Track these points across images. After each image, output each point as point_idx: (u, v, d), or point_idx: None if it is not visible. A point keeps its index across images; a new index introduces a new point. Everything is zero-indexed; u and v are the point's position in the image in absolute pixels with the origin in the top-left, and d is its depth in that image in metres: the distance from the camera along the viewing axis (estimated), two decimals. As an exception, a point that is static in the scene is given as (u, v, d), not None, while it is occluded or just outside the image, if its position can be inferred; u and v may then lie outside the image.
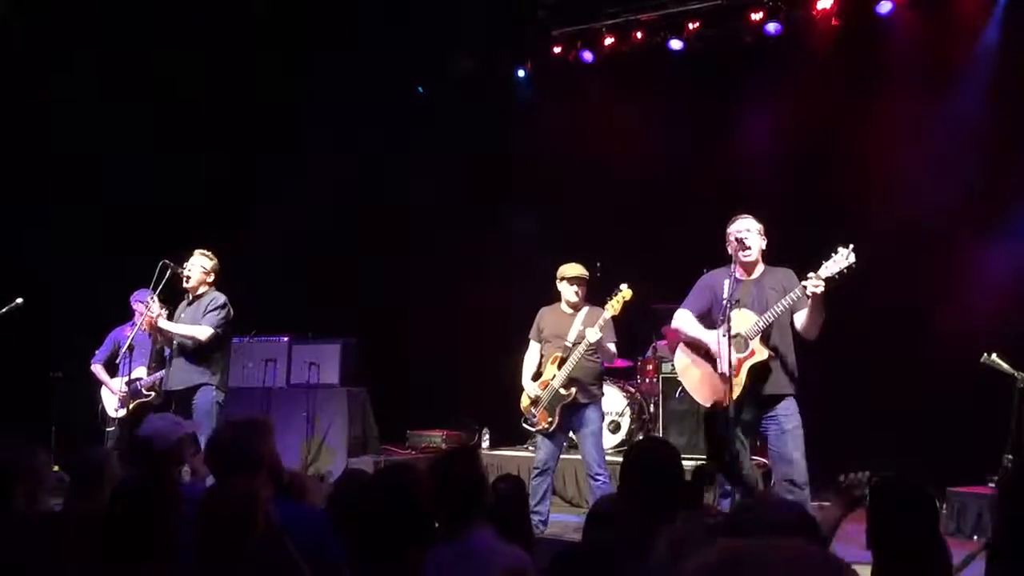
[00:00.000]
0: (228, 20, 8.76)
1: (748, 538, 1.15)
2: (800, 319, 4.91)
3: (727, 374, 4.73)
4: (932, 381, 6.95)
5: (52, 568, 2.82)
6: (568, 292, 6.17)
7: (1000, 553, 2.42)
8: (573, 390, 6.00)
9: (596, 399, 6.15)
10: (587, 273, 6.17)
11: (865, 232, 5.42)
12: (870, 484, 2.98)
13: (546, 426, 6.06)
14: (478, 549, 2.72)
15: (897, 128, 7.58)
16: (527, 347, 6.36)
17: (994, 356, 5.96)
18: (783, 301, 4.84)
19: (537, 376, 6.21)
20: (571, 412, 6.06)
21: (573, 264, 6.21)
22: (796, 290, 4.80)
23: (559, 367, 6.03)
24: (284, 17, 9.06)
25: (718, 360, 4.90)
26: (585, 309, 6.15)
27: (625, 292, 5.89)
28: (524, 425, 6.26)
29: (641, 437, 7.68)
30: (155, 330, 6.51)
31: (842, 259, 4.64)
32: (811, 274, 4.68)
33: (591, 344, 5.88)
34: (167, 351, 6.57)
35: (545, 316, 6.31)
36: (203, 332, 6.26)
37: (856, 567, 3.10)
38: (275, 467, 3.26)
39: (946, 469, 6.17)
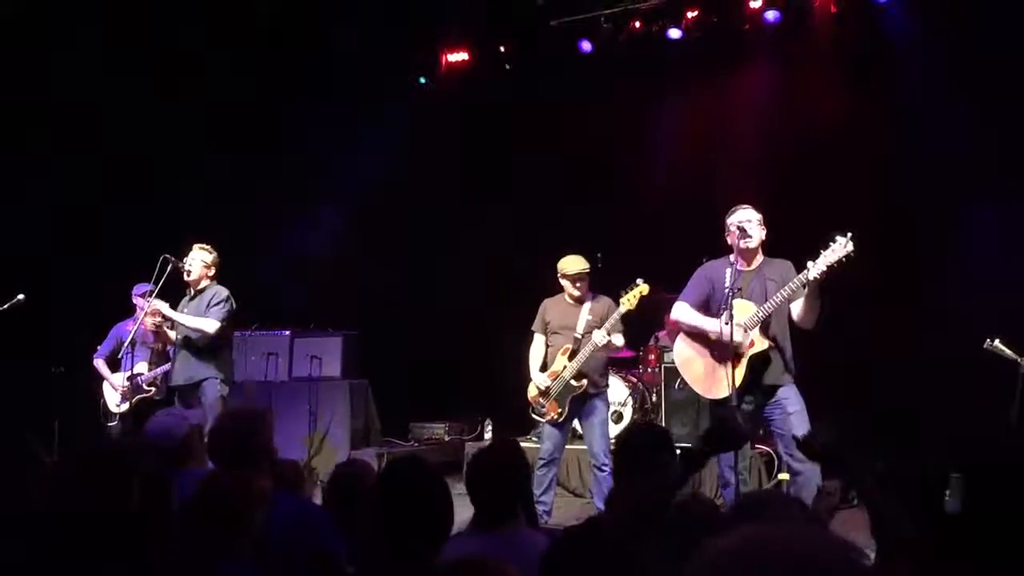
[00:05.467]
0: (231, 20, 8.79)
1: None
2: (797, 309, 4.92)
3: (729, 356, 4.75)
4: (935, 365, 6.93)
5: None
6: (570, 288, 6.14)
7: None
8: (584, 381, 5.99)
9: (603, 390, 6.17)
10: (588, 267, 6.11)
11: (867, 220, 5.41)
12: (842, 491, 3.01)
13: (556, 416, 6.06)
14: (523, 541, 2.70)
15: (895, 113, 7.56)
16: (531, 340, 6.34)
17: (996, 342, 5.94)
18: (782, 291, 4.85)
19: (544, 367, 6.20)
20: (580, 403, 6.06)
21: (573, 258, 6.14)
22: (794, 281, 4.80)
23: (570, 358, 6.02)
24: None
25: (720, 339, 4.88)
26: (590, 299, 6.14)
27: (642, 287, 5.86)
28: (532, 415, 6.26)
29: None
30: (157, 329, 6.52)
31: (840, 248, 4.63)
32: (809, 263, 4.68)
33: (598, 346, 5.88)
34: (170, 348, 6.58)
35: (550, 308, 6.28)
36: (210, 325, 6.27)
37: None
38: (272, 459, 3.27)
39: (951, 454, 6.15)
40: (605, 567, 1.65)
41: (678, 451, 3.17)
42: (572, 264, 6.11)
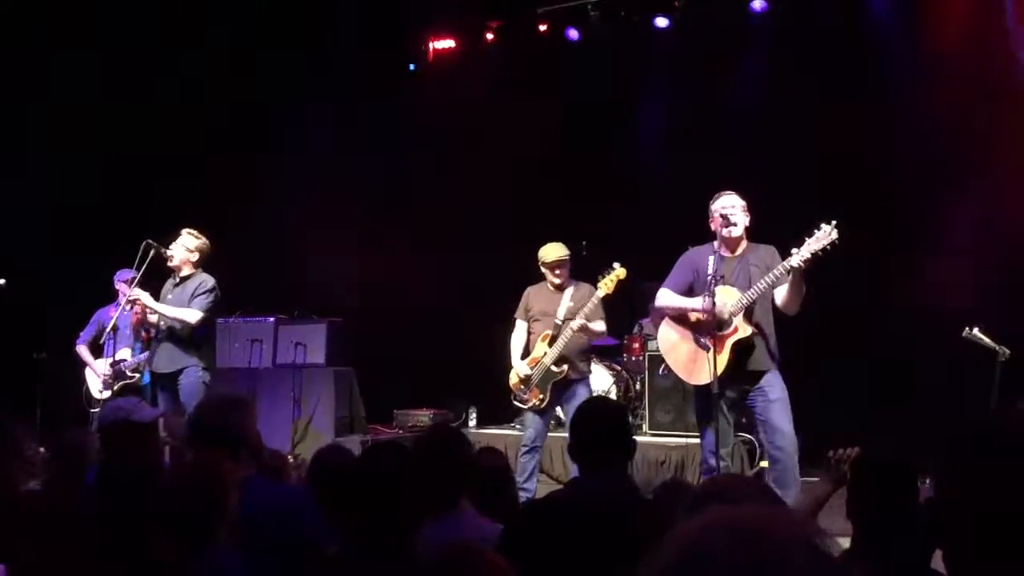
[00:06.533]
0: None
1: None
2: (781, 295, 4.93)
3: (709, 346, 4.77)
4: (916, 354, 6.98)
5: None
6: (550, 275, 6.16)
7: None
8: (564, 367, 6.01)
9: (585, 376, 6.18)
10: (567, 254, 6.13)
11: (848, 208, 5.42)
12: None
13: (537, 403, 6.08)
14: (468, 527, 2.73)
15: (879, 101, 7.59)
16: (513, 326, 6.35)
17: (975, 330, 5.97)
18: (766, 278, 4.86)
19: (525, 354, 6.21)
20: (561, 389, 6.08)
21: (552, 245, 6.16)
22: (778, 268, 4.81)
23: (550, 344, 6.04)
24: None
25: (706, 319, 4.88)
26: (572, 286, 6.15)
27: (619, 271, 5.88)
28: (514, 402, 6.27)
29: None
30: (141, 319, 6.50)
31: (825, 236, 4.64)
32: (794, 250, 4.70)
33: (576, 330, 5.89)
34: (154, 332, 6.56)
35: (532, 295, 6.30)
36: (192, 315, 6.25)
37: (839, 538, 3.11)
38: (255, 446, 3.26)
39: (931, 442, 6.18)
40: (563, 539, 1.67)
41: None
42: (552, 251, 6.13)
